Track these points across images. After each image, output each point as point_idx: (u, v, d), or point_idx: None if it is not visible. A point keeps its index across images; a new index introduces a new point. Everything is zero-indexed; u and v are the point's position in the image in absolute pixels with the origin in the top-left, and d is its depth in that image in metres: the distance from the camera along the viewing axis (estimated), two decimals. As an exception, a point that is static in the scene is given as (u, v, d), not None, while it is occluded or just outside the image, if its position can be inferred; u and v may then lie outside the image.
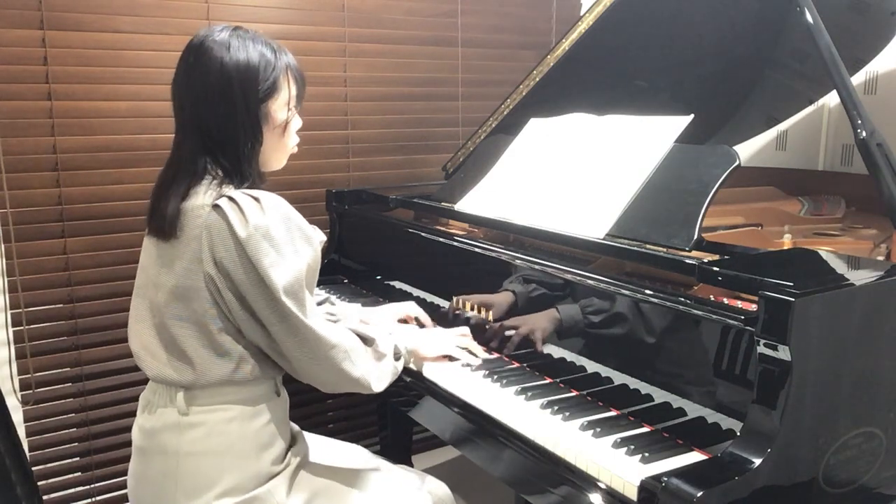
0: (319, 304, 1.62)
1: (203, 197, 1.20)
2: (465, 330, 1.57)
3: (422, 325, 1.71)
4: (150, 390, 1.30)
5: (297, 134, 1.36)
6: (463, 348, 1.53)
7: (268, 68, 1.25)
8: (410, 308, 1.73)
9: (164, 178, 1.26)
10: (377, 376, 1.31)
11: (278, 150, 1.33)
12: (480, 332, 1.58)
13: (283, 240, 1.19)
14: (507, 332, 1.52)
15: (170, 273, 1.22)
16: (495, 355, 1.54)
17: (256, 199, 1.19)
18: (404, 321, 1.71)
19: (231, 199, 1.19)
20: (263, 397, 1.29)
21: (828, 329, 1.03)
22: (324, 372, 1.25)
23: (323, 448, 1.52)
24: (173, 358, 1.24)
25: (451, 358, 1.50)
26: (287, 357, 1.23)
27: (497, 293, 1.55)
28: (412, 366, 1.50)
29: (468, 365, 1.48)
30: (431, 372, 1.47)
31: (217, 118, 1.23)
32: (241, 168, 1.25)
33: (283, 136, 1.32)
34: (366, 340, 1.32)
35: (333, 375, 1.26)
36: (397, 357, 1.38)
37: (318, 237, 1.29)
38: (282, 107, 1.28)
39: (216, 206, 1.18)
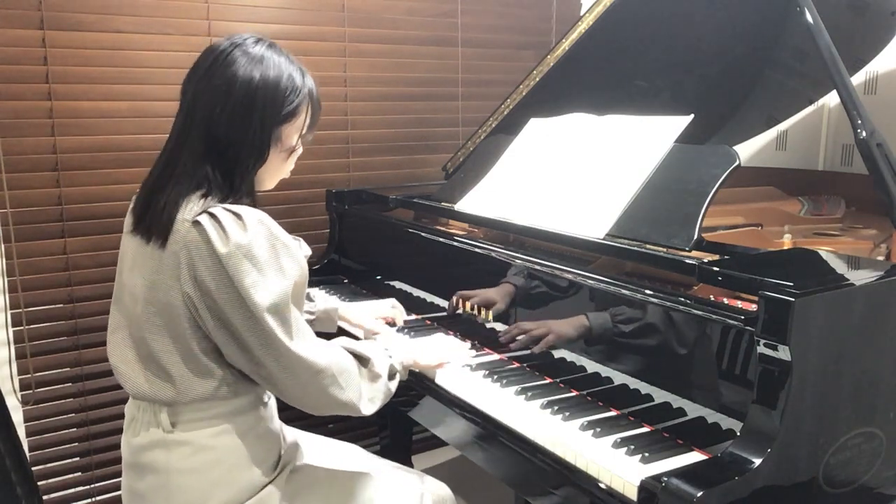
0: None
1: (187, 210, 1.15)
2: (458, 342, 1.56)
3: (392, 325, 1.73)
4: (134, 405, 1.26)
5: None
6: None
7: (294, 92, 1.22)
8: (387, 308, 1.73)
9: (160, 178, 1.21)
10: (369, 398, 1.27)
11: (276, 172, 1.30)
12: (480, 333, 1.58)
13: (265, 259, 1.13)
14: (507, 332, 1.52)
15: (147, 284, 1.18)
16: (495, 355, 1.54)
17: (238, 216, 1.14)
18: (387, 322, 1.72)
19: (212, 215, 1.13)
20: (249, 408, 1.26)
21: (828, 329, 1.03)
22: (308, 396, 1.21)
23: (320, 448, 1.51)
24: (152, 375, 1.20)
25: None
26: (269, 379, 1.18)
27: (497, 293, 1.55)
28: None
29: (468, 365, 1.48)
30: (431, 372, 1.47)
31: (229, 128, 1.18)
32: (234, 181, 1.20)
33: (286, 161, 1.29)
34: (361, 359, 1.28)
35: (319, 400, 1.21)
36: (392, 376, 1.34)
37: (304, 252, 1.26)
38: (295, 132, 1.26)
39: (196, 223, 1.13)
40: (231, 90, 1.18)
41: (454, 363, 1.49)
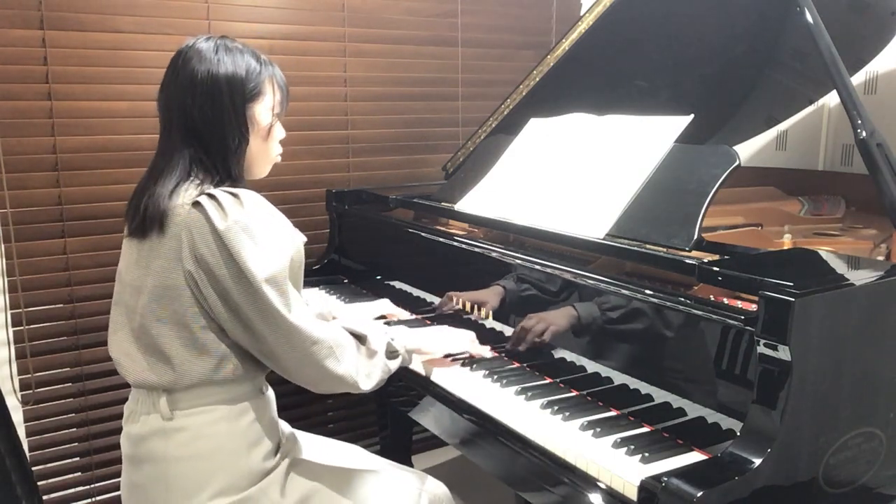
0: None
1: (184, 196, 1.21)
2: (473, 335, 1.54)
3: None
4: (133, 399, 1.29)
5: (296, 134, 1.37)
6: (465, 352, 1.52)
7: (252, 72, 1.28)
8: (381, 309, 1.76)
9: (149, 179, 1.27)
10: (366, 374, 1.29)
11: (262, 156, 1.35)
12: (479, 332, 1.58)
13: (262, 233, 1.19)
14: (507, 332, 1.52)
15: (149, 273, 1.22)
16: (495, 354, 1.54)
17: (236, 196, 1.20)
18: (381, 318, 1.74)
19: (210, 195, 1.19)
20: (248, 396, 1.28)
21: (828, 329, 1.03)
22: (306, 369, 1.23)
23: (320, 448, 1.51)
24: (153, 360, 1.23)
25: (453, 356, 1.50)
26: (271, 355, 1.22)
27: (496, 293, 1.55)
28: (421, 370, 1.49)
29: (468, 365, 1.48)
30: (431, 371, 1.47)
31: (205, 116, 1.24)
32: (229, 165, 1.26)
33: (267, 142, 1.34)
34: (358, 337, 1.31)
35: (316, 372, 1.23)
36: (392, 356, 1.36)
37: (300, 237, 1.29)
38: (266, 111, 1.31)
39: (196, 204, 1.19)
40: (195, 81, 1.25)
41: (461, 348, 1.49)
